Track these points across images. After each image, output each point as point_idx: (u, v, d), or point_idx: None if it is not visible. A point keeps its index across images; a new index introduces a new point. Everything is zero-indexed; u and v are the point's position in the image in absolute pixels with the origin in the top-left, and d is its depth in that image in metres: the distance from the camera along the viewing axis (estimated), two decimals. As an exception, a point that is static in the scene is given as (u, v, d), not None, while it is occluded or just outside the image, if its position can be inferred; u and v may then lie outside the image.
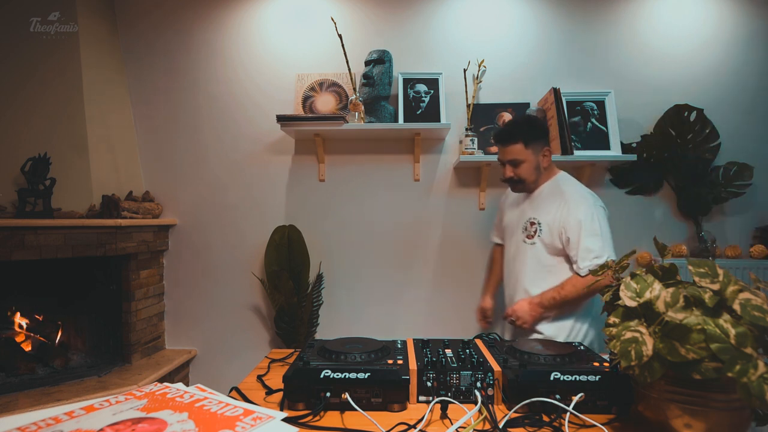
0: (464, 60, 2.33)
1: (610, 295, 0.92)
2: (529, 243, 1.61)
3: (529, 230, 1.62)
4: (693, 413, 0.73)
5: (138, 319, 2.26)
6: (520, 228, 1.67)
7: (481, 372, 0.94)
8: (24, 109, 2.11)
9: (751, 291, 0.72)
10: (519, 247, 1.66)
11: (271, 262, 2.31)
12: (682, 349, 0.69)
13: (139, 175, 2.48)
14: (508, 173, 1.63)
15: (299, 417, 0.87)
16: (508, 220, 1.77)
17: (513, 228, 1.71)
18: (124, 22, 2.46)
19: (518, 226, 1.68)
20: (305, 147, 2.43)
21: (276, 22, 2.43)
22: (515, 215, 1.72)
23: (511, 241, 1.72)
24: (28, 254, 1.86)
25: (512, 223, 1.73)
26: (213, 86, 2.46)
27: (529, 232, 1.62)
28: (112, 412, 0.73)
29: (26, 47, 2.13)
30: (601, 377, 0.89)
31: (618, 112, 2.26)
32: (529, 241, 1.61)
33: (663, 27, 2.34)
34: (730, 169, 2.26)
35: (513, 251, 1.70)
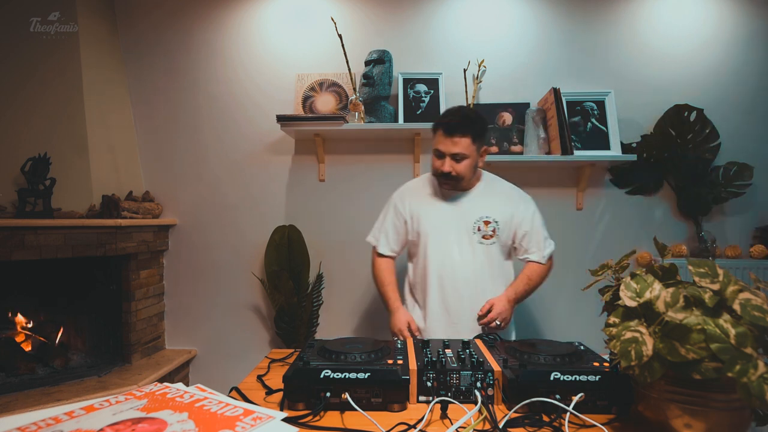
0: (464, 60, 2.33)
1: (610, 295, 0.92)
2: (487, 243, 1.53)
3: (485, 230, 1.53)
4: (693, 413, 0.73)
5: (138, 319, 2.26)
6: (465, 229, 1.54)
7: (481, 372, 0.94)
8: (24, 109, 2.11)
9: (751, 291, 0.72)
10: (470, 249, 1.54)
11: (271, 262, 2.31)
12: (682, 349, 0.69)
13: (139, 175, 2.48)
14: (446, 167, 1.46)
15: (299, 417, 0.87)
16: (433, 222, 1.57)
17: (446, 230, 1.55)
18: (124, 22, 2.46)
19: (461, 227, 1.54)
20: (305, 147, 2.43)
21: (276, 22, 2.43)
22: (448, 216, 1.55)
23: (448, 244, 1.55)
24: (28, 254, 1.86)
25: (445, 225, 1.55)
26: (213, 86, 2.46)
27: (485, 232, 1.53)
28: (112, 412, 0.73)
29: (26, 47, 2.13)
30: (601, 377, 0.89)
31: (618, 112, 2.26)
32: (487, 241, 1.53)
33: (663, 27, 2.34)
34: (730, 169, 2.26)
35: (456, 254, 1.54)
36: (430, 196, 1.61)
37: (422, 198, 1.61)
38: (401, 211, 1.62)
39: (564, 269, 2.38)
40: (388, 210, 1.66)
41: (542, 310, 2.40)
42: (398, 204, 1.63)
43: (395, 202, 1.65)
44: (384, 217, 1.67)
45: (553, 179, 2.37)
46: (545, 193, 2.37)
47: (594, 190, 2.37)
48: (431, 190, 1.62)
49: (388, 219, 1.65)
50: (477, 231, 1.54)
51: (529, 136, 2.23)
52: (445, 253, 1.55)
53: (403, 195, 1.65)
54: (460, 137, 1.44)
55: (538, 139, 2.21)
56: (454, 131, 1.44)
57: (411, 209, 1.61)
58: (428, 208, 1.59)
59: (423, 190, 1.64)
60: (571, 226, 2.37)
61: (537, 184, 2.37)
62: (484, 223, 1.54)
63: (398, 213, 1.63)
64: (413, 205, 1.61)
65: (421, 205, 1.60)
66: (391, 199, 1.67)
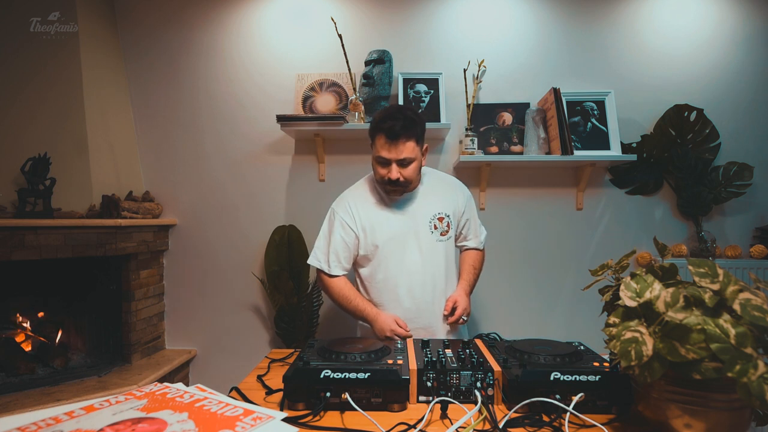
0: (464, 60, 2.33)
1: (610, 295, 0.92)
2: (445, 239, 1.50)
3: (441, 227, 1.49)
4: (693, 413, 0.73)
5: (138, 319, 2.26)
6: (422, 230, 1.48)
7: (481, 372, 0.94)
8: (24, 109, 2.11)
9: (751, 291, 0.72)
10: (431, 249, 1.49)
11: (271, 262, 2.31)
12: (682, 349, 0.69)
13: (139, 175, 2.48)
14: (393, 174, 1.37)
15: (299, 417, 0.87)
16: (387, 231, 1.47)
17: (404, 234, 1.47)
18: (124, 22, 2.46)
19: (418, 230, 1.48)
20: (305, 147, 2.43)
21: (276, 22, 2.43)
22: (402, 221, 1.48)
23: (408, 250, 1.48)
24: (28, 254, 1.86)
25: (401, 231, 1.47)
26: (213, 86, 2.46)
27: (442, 229, 1.49)
28: (112, 412, 0.73)
29: (26, 47, 2.13)
30: (601, 377, 0.89)
31: (618, 112, 2.26)
32: (444, 237, 1.50)
33: (663, 27, 2.34)
34: (730, 169, 2.26)
35: (418, 258, 1.48)
36: (377, 204, 1.50)
37: (370, 208, 1.49)
38: (350, 225, 1.48)
39: (564, 269, 2.38)
40: (333, 226, 1.50)
41: (542, 310, 2.40)
42: (345, 218, 1.49)
43: (341, 216, 1.49)
44: (329, 234, 1.50)
45: (553, 179, 2.37)
46: (545, 193, 2.38)
47: (594, 190, 2.37)
48: (377, 198, 1.51)
49: (335, 237, 1.48)
50: (434, 230, 1.49)
51: (529, 136, 2.23)
52: (407, 261, 1.47)
53: (348, 208, 1.50)
54: (405, 141, 1.35)
55: (538, 139, 2.21)
56: (398, 136, 1.33)
57: (361, 222, 1.48)
58: (379, 218, 1.48)
59: (368, 199, 1.52)
60: (571, 226, 2.37)
61: (537, 184, 2.38)
62: (439, 219, 1.50)
63: (347, 228, 1.48)
64: (363, 217, 1.48)
65: (371, 216, 1.48)
66: (334, 214, 1.51)
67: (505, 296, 2.39)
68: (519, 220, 2.37)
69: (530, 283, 2.39)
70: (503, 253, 2.37)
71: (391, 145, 1.35)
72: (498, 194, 2.39)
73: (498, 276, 2.36)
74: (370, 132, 1.43)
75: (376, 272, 1.50)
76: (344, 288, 1.50)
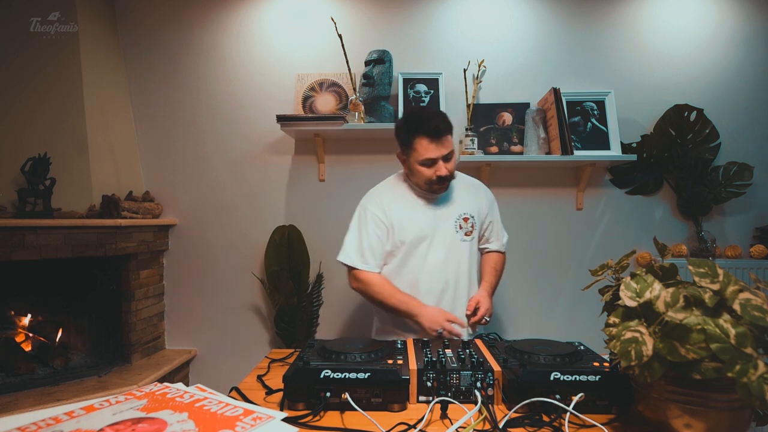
0: (464, 60, 2.33)
1: (610, 295, 0.92)
2: (469, 240, 1.52)
3: (466, 227, 1.51)
4: (693, 413, 0.73)
5: (138, 319, 2.26)
6: (448, 229, 1.50)
7: (481, 372, 0.94)
8: (24, 109, 2.11)
9: (751, 291, 0.72)
10: (453, 249, 1.50)
11: (271, 262, 2.31)
12: (682, 349, 0.69)
13: (139, 175, 2.48)
14: (443, 171, 1.40)
15: (299, 417, 0.87)
16: (415, 227, 1.48)
17: (430, 232, 1.48)
18: (124, 22, 2.46)
19: (444, 228, 1.49)
20: (305, 147, 2.43)
21: (276, 22, 2.43)
22: (429, 219, 1.49)
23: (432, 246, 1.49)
24: (28, 254, 1.86)
25: (427, 228, 1.48)
26: (213, 86, 2.46)
27: (466, 229, 1.51)
28: (112, 412, 0.73)
29: (26, 47, 2.13)
30: (601, 377, 0.89)
31: (618, 112, 2.26)
32: (468, 237, 1.52)
33: (663, 27, 2.34)
34: (730, 169, 2.26)
35: (443, 257, 1.49)
36: (406, 201, 1.51)
37: (399, 204, 1.50)
38: (383, 220, 1.48)
39: (564, 269, 2.38)
40: (366, 222, 1.48)
41: (542, 310, 2.40)
42: (376, 213, 1.48)
43: (372, 211, 1.49)
44: (361, 230, 1.49)
45: (553, 179, 2.37)
46: (545, 193, 2.38)
47: (594, 190, 2.37)
48: (405, 195, 1.53)
49: (368, 232, 1.47)
50: (459, 229, 1.51)
51: (529, 136, 2.23)
52: (430, 258, 1.48)
53: (380, 202, 1.50)
54: (447, 136, 1.40)
55: (538, 139, 2.21)
56: (442, 133, 1.38)
57: (392, 217, 1.48)
58: (408, 215, 1.48)
59: (399, 195, 1.53)
60: (571, 226, 2.37)
61: (537, 184, 2.38)
62: (464, 219, 1.51)
63: (378, 223, 1.48)
64: (394, 212, 1.48)
65: (400, 212, 1.48)
66: (365, 210, 1.51)
67: (505, 296, 2.38)
68: (519, 220, 2.36)
69: (530, 283, 2.39)
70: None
71: (435, 143, 1.38)
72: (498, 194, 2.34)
73: (498, 276, 2.36)
74: (405, 138, 1.43)
75: (399, 268, 1.50)
76: (384, 283, 1.47)
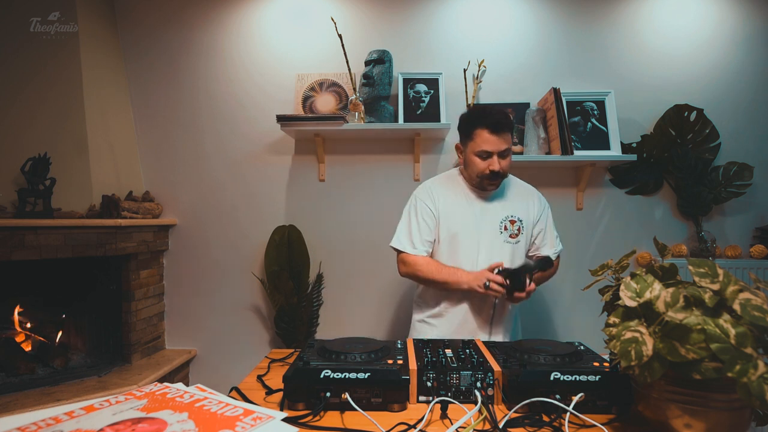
0: (464, 60, 2.33)
1: (610, 295, 0.92)
2: (513, 242, 1.52)
3: (512, 229, 1.52)
4: (693, 413, 0.73)
5: (138, 319, 2.26)
6: (492, 229, 1.51)
7: (481, 372, 0.94)
8: (24, 110, 2.11)
9: (751, 291, 0.72)
10: (497, 250, 1.51)
11: (271, 262, 2.31)
12: (682, 349, 0.69)
13: (139, 175, 2.48)
14: (496, 166, 1.42)
15: (299, 417, 0.87)
16: (461, 222, 1.52)
17: (474, 230, 1.51)
18: (124, 22, 2.46)
19: (488, 227, 1.51)
20: (305, 147, 2.43)
21: (276, 22, 2.43)
22: (476, 216, 1.52)
23: (474, 244, 1.51)
24: (28, 254, 1.86)
25: (474, 225, 1.51)
26: (213, 86, 2.46)
27: (511, 231, 1.52)
28: (112, 412, 0.73)
29: (26, 47, 2.13)
30: (601, 377, 0.89)
31: (618, 112, 2.26)
32: (513, 240, 1.52)
33: (663, 27, 2.34)
34: (730, 169, 2.26)
35: (484, 255, 1.50)
36: (458, 195, 1.55)
37: (451, 197, 1.55)
38: (432, 209, 1.54)
39: (564, 269, 2.38)
40: (416, 210, 1.56)
41: (542, 310, 2.40)
42: (427, 202, 1.54)
43: (423, 200, 1.56)
44: (411, 217, 1.56)
45: (553, 179, 2.37)
46: (545, 193, 2.34)
47: (594, 190, 2.37)
48: (458, 189, 1.57)
49: (418, 218, 1.54)
50: (504, 230, 1.52)
51: (529, 136, 2.23)
52: (471, 254, 1.51)
53: (431, 193, 1.56)
54: (506, 133, 1.43)
55: (538, 139, 2.21)
56: (503, 128, 1.41)
57: (440, 208, 1.53)
58: (456, 208, 1.53)
59: (450, 188, 1.57)
60: (571, 226, 2.37)
61: (537, 184, 2.34)
62: (510, 222, 1.52)
63: (428, 211, 1.54)
64: (442, 203, 1.54)
65: (451, 205, 1.54)
66: (417, 199, 1.58)
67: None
68: (519, 220, 2.36)
69: (530, 283, 2.39)
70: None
71: (494, 137, 1.42)
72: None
73: (498, 276, 2.36)
74: (467, 128, 1.49)
75: (448, 254, 1.54)
76: (431, 262, 1.52)
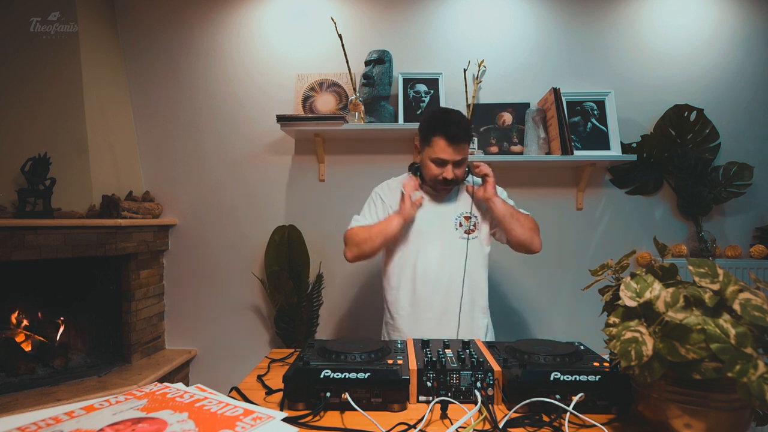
0: (464, 60, 2.33)
1: (610, 295, 0.92)
2: (470, 237, 1.53)
3: (466, 225, 1.54)
4: (693, 413, 0.73)
5: (138, 319, 2.26)
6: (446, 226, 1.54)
7: (481, 372, 0.94)
8: (24, 110, 2.11)
9: (751, 291, 0.72)
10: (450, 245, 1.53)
11: (271, 262, 2.31)
12: (682, 349, 0.69)
13: (139, 175, 2.48)
14: (450, 174, 1.45)
15: (299, 417, 0.87)
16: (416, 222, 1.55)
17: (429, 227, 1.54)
18: (124, 22, 2.46)
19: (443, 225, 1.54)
20: (305, 147, 2.43)
21: (276, 22, 2.43)
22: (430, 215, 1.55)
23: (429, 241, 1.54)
24: (28, 254, 1.86)
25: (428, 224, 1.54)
26: (213, 86, 2.46)
27: (467, 227, 1.53)
28: (112, 412, 0.73)
29: (26, 47, 2.13)
30: (601, 377, 0.89)
31: (618, 112, 2.26)
32: (469, 236, 1.53)
33: (663, 27, 2.34)
34: (730, 169, 2.26)
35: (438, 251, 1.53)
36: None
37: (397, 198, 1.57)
38: (385, 202, 1.59)
39: (564, 269, 2.38)
40: (371, 203, 1.62)
41: (542, 310, 2.40)
42: (384, 198, 1.60)
43: (379, 194, 1.62)
44: (368, 208, 1.62)
45: (553, 179, 2.37)
46: (545, 193, 2.38)
47: (594, 190, 2.37)
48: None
49: (370, 209, 1.60)
50: (459, 227, 1.54)
51: (529, 136, 2.23)
52: (428, 252, 1.53)
53: (388, 190, 1.62)
54: (464, 144, 1.44)
55: (538, 139, 2.21)
56: (461, 140, 1.43)
57: (394, 205, 1.57)
58: None
59: None
60: (571, 226, 2.37)
61: (537, 184, 2.38)
62: (465, 218, 1.54)
63: (385, 206, 1.58)
64: (396, 200, 1.57)
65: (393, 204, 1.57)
66: (374, 194, 1.64)
67: (505, 296, 2.39)
68: (519, 220, 2.36)
69: (530, 283, 2.39)
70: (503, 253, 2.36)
71: (451, 147, 1.42)
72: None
73: (498, 276, 2.36)
74: (426, 133, 1.47)
75: (400, 260, 1.57)
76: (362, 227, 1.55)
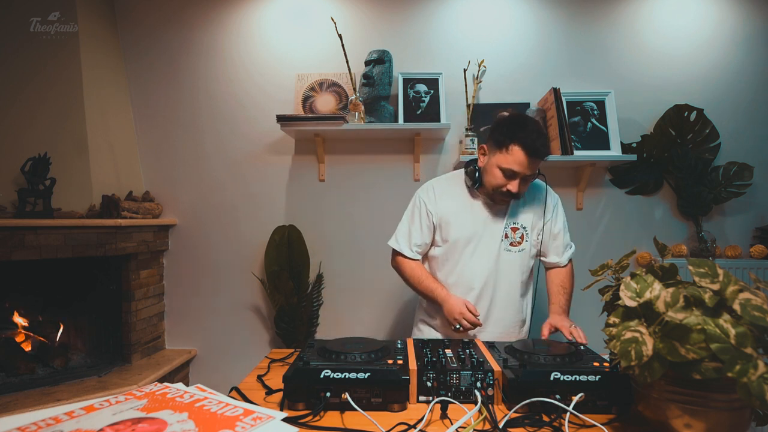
0: (464, 60, 2.33)
1: (610, 295, 0.92)
2: (515, 250, 1.47)
3: (513, 237, 1.47)
4: (693, 413, 0.73)
5: (138, 319, 2.26)
6: (492, 236, 1.46)
7: (481, 372, 0.94)
8: (24, 110, 2.11)
9: (751, 291, 0.72)
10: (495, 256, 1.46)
11: (271, 262, 2.31)
12: (682, 349, 0.69)
13: (139, 175, 2.48)
14: (515, 188, 1.35)
15: (299, 417, 0.87)
16: (460, 228, 1.47)
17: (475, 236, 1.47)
18: (124, 22, 2.46)
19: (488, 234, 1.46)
20: (305, 147, 2.43)
21: (276, 22, 2.43)
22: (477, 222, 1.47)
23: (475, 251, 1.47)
24: (28, 254, 1.86)
25: (473, 232, 1.47)
26: (213, 86, 2.46)
27: (513, 239, 1.47)
28: (112, 412, 0.73)
29: (26, 47, 2.13)
30: (601, 377, 0.89)
31: (618, 112, 2.26)
32: (514, 248, 1.47)
33: (663, 27, 2.34)
34: (730, 169, 2.26)
35: (481, 261, 1.47)
36: (460, 198, 1.50)
37: (453, 200, 1.50)
38: (431, 212, 1.50)
39: (564, 269, 2.38)
40: (416, 211, 1.53)
41: (542, 310, 2.39)
42: (428, 205, 1.50)
43: (424, 202, 1.51)
44: (411, 219, 1.54)
45: (553, 179, 2.35)
46: (545, 193, 2.37)
47: (594, 190, 2.37)
48: (461, 192, 1.52)
49: (416, 221, 1.52)
50: (505, 238, 1.47)
51: (529, 136, 2.23)
52: (471, 263, 1.47)
53: (433, 196, 1.52)
54: (540, 160, 1.35)
55: (538, 139, 2.21)
56: (541, 155, 1.33)
57: (441, 212, 1.49)
58: (459, 213, 1.48)
59: (453, 192, 1.52)
60: (571, 226, 2.33)
61: (537, 184, 2.37)
62: (512, 229, 1.47)
63: (428, 214, 1.50)
64: (443, 206, 1.49)
65: (452, 209, 1.49)
66: (418, 199, 1.54)
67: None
68: (519, 220, 2.36)
69: (530, 283, 2.38)
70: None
71: (528, 161, 1.33)
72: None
73: (498, 276, 2.36)
74: (503, 138, 1.35)
75: (443, 262, 1.53)
76: (416, 269, 1.53)
